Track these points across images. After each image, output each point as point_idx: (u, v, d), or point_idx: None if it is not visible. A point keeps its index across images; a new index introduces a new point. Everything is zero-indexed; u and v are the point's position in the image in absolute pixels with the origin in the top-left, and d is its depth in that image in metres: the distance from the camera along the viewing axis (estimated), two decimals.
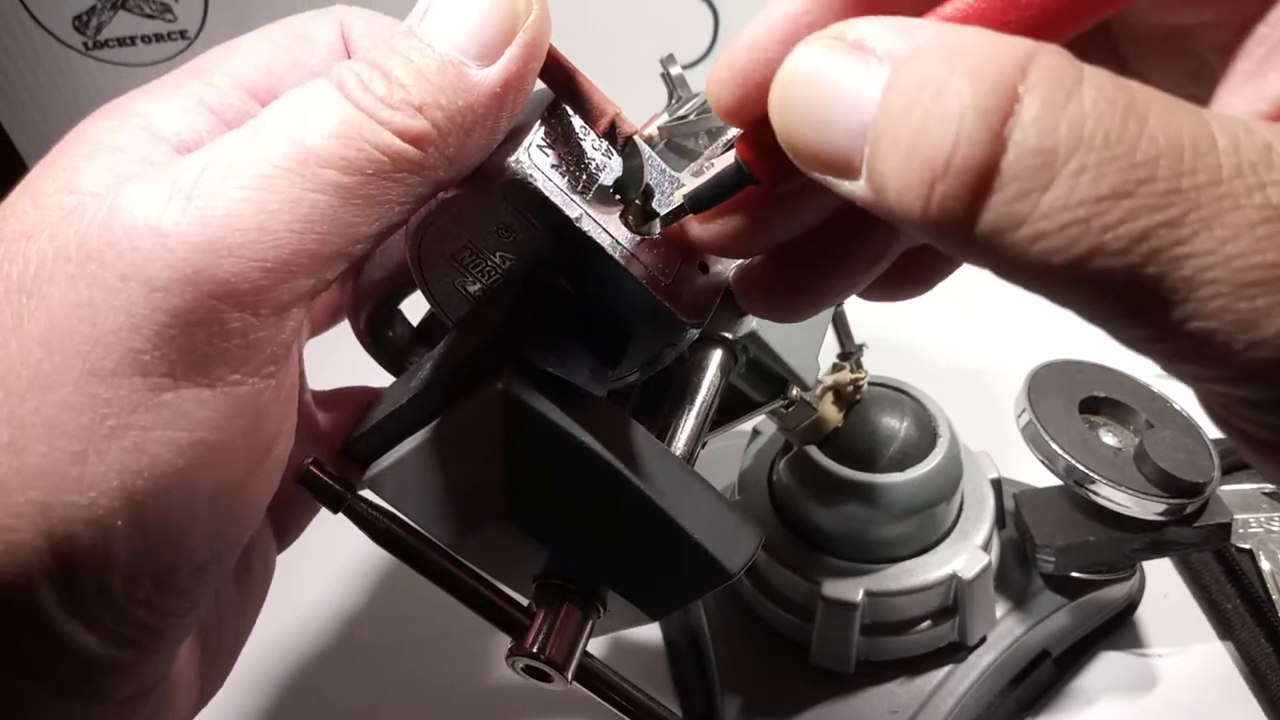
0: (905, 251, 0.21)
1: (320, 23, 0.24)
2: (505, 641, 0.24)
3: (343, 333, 0.31)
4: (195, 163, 0.18)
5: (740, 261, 0.22)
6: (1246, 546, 0.41)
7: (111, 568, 0.17)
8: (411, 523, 0.25)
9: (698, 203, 0.20)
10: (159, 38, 0.58)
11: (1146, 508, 0.34)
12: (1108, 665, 0.39)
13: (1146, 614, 0.40)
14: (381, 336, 0.30)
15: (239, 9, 0.57)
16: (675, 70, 0.39)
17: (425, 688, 0.41)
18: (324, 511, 0.25)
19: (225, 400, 0.18)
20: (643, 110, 0.35)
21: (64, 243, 0.17)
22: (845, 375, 0.35)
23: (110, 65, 0.58)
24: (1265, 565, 0.40)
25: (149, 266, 0.17)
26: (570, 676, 0.24)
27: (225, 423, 0.18)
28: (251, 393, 0.18)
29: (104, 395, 0.17)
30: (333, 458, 0.26)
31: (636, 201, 0.22)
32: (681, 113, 0.38)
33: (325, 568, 0.46)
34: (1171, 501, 0.34)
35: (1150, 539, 0.35)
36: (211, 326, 0.17)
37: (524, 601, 0.25)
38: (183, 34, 0.58)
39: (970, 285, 0.62)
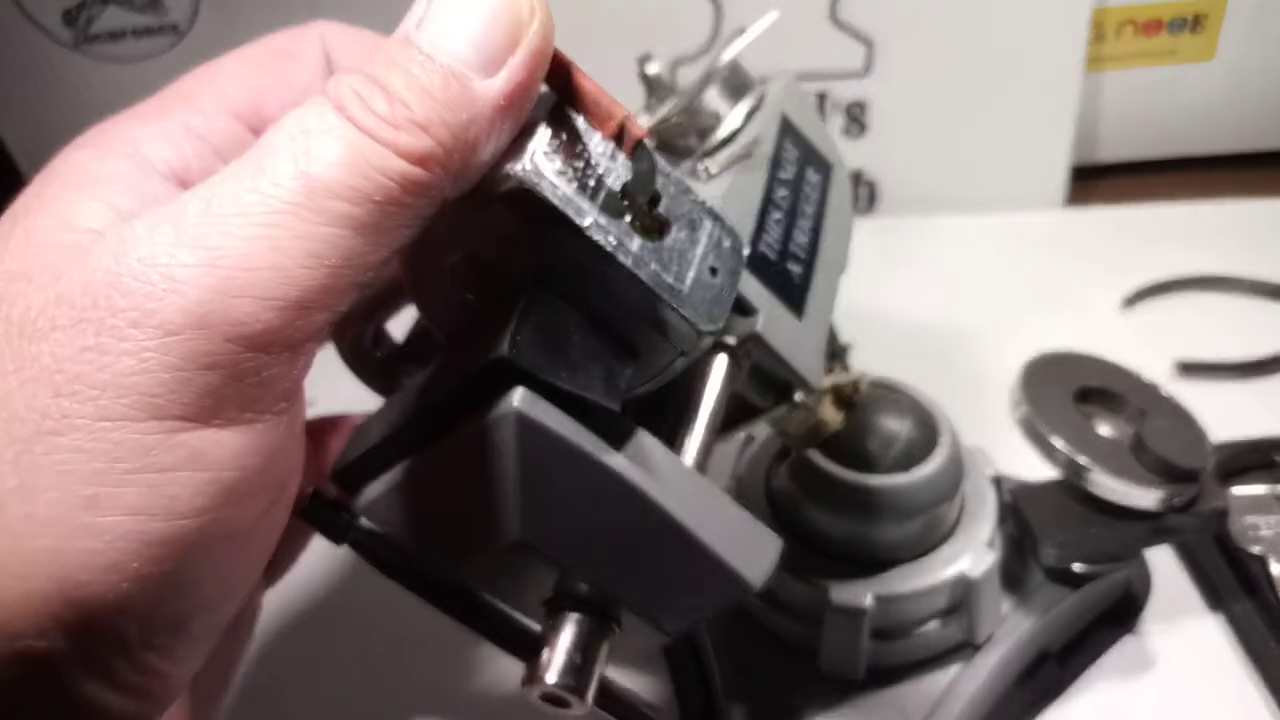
0: None
1: (303, 39, 0.23)
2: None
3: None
4: (199, 200, 0.17)
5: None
6: (1257, 550, 0.41)
7: (128, 613, 0.17)
8: (413, 551, 0.24)
9: None
10: (150, 32, 0.57)
11: (1147, 496, 0.34)
12: (1115, 668, 0.39)
13: (1153, 619, 0.40)
14: (368, 356, 0.29)
15: (230, 3, 0.56)
16: (653, 70, 0.39)
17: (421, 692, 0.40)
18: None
19: (240, 439, 0.17)
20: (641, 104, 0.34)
21: (67, 288, 0.16)
22: (845, 376, 0.34)
23: (100, 60, 0.57)
24: (1276, 570, 0.40)
25: (161, 312, 0.16)
26: (590, 701, 0.23)
27: (241, 461, 0.17)
28: (265, 430, 0.18)
29: (116, 438, 0.16)
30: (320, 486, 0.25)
31: (645, 207, 0.21)
32: (663, 114, 0.37)
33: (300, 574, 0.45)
34: (1170, 489, 0.34)
35: (1150, 527, 0.35)
36: (225, 368, 0.17)
37: (535, 626, 0.24)
38: (174, 28, 0.57)
39: (948, 284, 0.62)
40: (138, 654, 0.17)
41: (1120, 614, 0.40)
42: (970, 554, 0.35)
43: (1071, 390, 0.37)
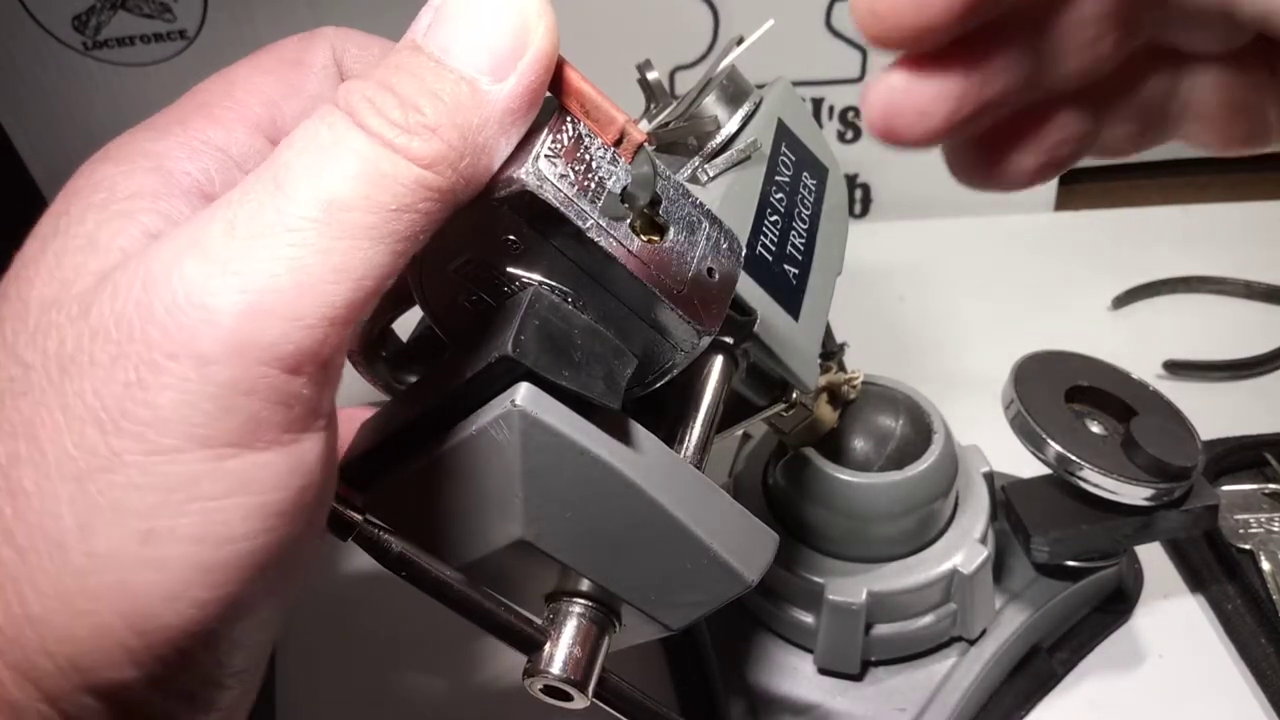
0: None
1: (311, 46, 0.23)
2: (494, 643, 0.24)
3: None
4: (221, 223, 0.17)
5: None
6: (1247, 547, 0.42)
7: (193, 636, 0.17)
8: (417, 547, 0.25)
9: None
10: (158, 38, 0.57)
11: (1138, 493, 0.35)
12: (1106, 665, 0.39)
13: (1145, 614, 0.41)
14: (375, 356, 0.29)
15: (238, 8, 0.56)
16: (652, 75, 0.39)
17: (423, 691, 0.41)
18: None
19: (283, 459, 0.17)
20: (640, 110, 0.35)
21: (100, 321, 0.17)
22: (840, 375, 0.35)
23: (110, 65, 0.58)
24: (1265, 565, 0.41)
25: (197, 342, 0.16)
26: (590, 694, 0.24)
27: (285, 481, 0.18)
28: (306, 449, 0.18)
29: (167, 471, 0.16)
30: None
31: (645, 209, 0.21)
32: (662, 119, 0.37)
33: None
34: (1161, 486, 0.35)
35: (1141, 523, 0.36)
36: (263, 392, 0.17)
37: (537, 621, 0.24)
38: (182, 34, 0.57)
39: (940, 285, 0.63)
40: (203, 669, 0.18)
41: (1112, 608, 0.41)
42: (964, 550, 0.36)
43: (1062, 389, 0.38)
